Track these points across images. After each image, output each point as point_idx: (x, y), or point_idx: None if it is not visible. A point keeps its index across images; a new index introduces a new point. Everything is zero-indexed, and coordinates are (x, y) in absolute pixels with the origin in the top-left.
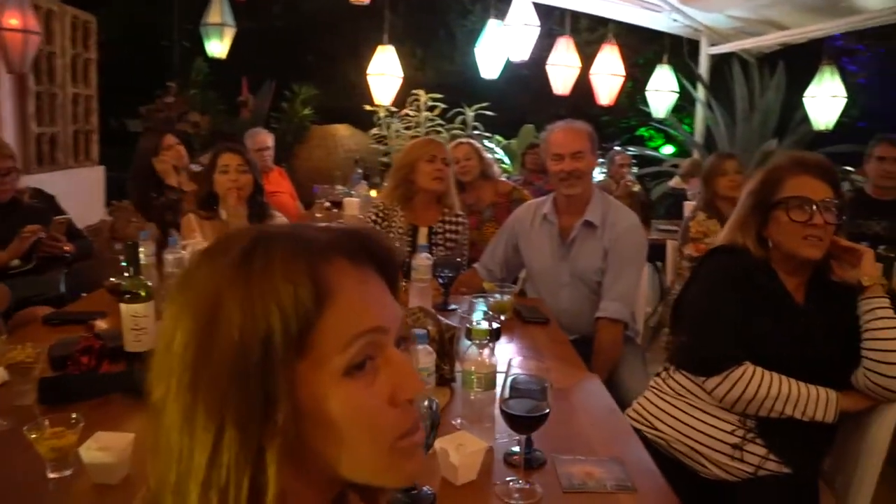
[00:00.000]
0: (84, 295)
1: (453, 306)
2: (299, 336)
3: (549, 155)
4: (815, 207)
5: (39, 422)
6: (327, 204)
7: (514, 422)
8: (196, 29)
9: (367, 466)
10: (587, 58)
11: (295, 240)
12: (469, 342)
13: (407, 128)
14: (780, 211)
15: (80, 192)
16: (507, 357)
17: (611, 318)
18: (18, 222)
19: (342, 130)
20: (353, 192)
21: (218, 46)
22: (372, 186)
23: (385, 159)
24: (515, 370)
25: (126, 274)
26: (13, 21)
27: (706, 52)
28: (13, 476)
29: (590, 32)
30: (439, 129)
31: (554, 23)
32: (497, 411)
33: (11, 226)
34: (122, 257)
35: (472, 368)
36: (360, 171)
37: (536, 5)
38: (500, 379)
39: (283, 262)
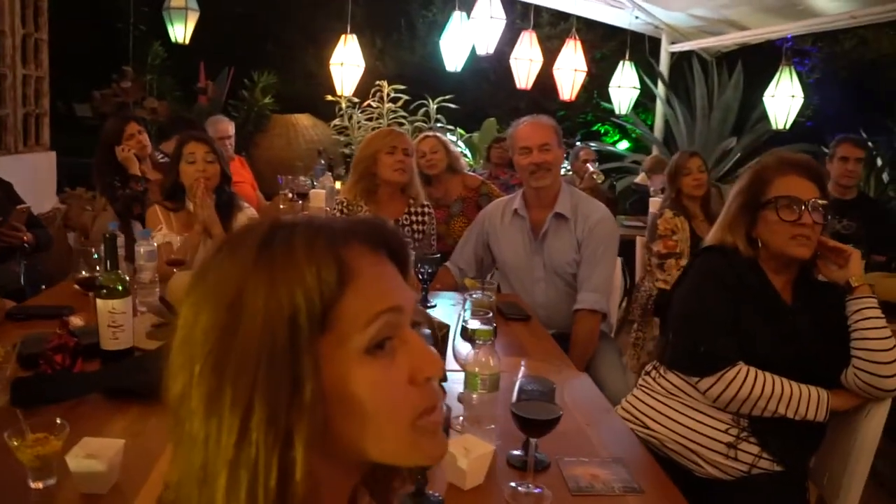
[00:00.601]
0: (44, 288)
1: (433, 302)
2: (322, 314)
3: (516, 149)
4: (803, 207)
5: (21, 427)
6: (291, 195)
7: (526, 425)
8: (153, 12)
9: (389, 445)
10: (548, 52)
11: (313, 226)
12: (463, 341)
13: (369, 119)
14: (769, 210)
15: (32, 179)
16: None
17: (589, 310)
18: None
19: (303, 120)
20: (316, 184)
21: (181, 31)
22: (336, 178)
23: (347, 150)
24: (521, 372)
25: (98, 267)
26: None
27: (667, 49)
28: None
29: (551, 27)
30: (402, 120)
31: (516, 16)
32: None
33: None
34: (93, 249)
35: (477, 370)
36: (323, 161)
37: None
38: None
39: (304, 245)
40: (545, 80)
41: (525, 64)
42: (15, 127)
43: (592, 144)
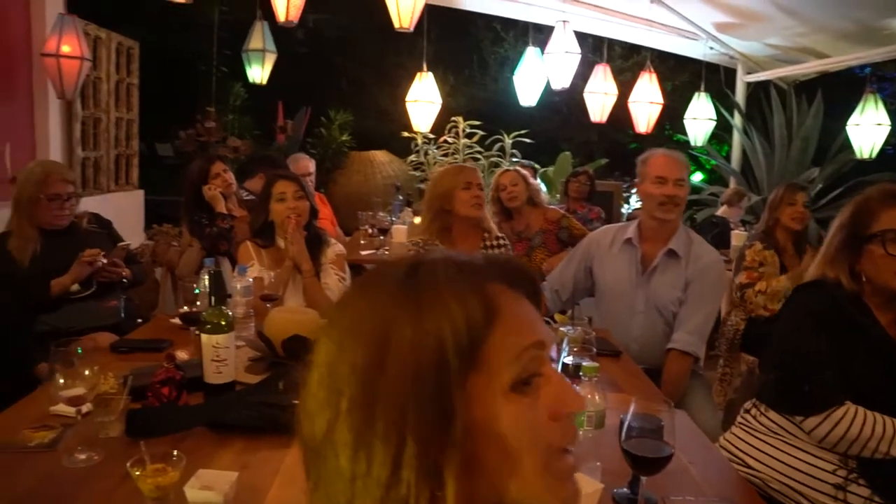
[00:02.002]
0: (141, 321)
1: None
2: (471, 350)
3: (649, 178)
4: None
5: (142, 458)
6: (371, 231)
7: (638, 463)
8: (234, 55)
9: (527, 483)
10: (620, 84)
11: (455, 263)
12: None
13: (444, 154)
14: (874, 245)
15: (121, 216)
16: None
17: (682, 351)
18: (77, 247)
19: (380, 156)
20: (395, 219)
21: (258, 72)
22: (415, 213)
23: (423, 186)
24: (629, 409)
25: (199, 302)
26: (66, 48)
27: (742, 79)
28: None
29: (623, 60)
30: (477, 156)
31: (588, 50)
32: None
33: (71, 251)
34: (193, 285)
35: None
36: (401, 197)
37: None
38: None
39: (448, 281)
40: (617, 112)
41: (599, 97)
42: (108, 167)
43: None
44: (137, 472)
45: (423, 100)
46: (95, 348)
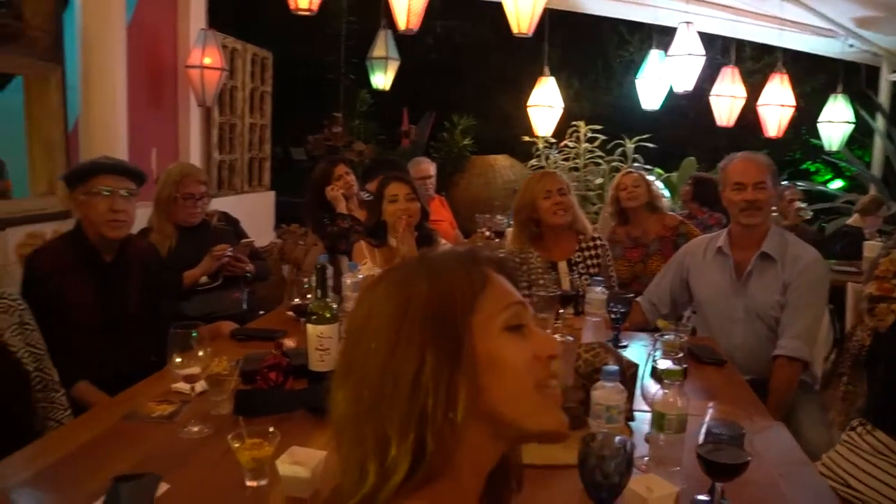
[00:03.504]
0: (262, 313)
1: (624, 342)
2: (471, 299)
3: (728, 184)
4: None
5: (241, 432)
6: (488, 233)
7: (712, 469)
8: (360, 63)
9: (520, 403)
10: (750, 87)
11: (457, 251)
12: (653, 381)
13: (566, 159)
14: None
15: (253, 216)
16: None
17: (789, 357)
18: (208, 243)
19: (501, 161)
20: (512, 223)
21: (381, 79)
22: None
23: None
24: (709, 415)
25: (309, 296)
26: (207, 60)
27: (888, 78)
28: (214, 480)
29: (754, 62)
30: (598, 160)
31: (716, 52)
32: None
33: (202, 246)
34: (305, 280)
35: (664, 411)
36: None
37: (699, 34)
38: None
39: (455, 257)
40: (747, 116)
41: (727, 101)
42: (242, 170)
43: (800, 184)
44: (237, 445)
45: (544, 104)
46: (217, 335)
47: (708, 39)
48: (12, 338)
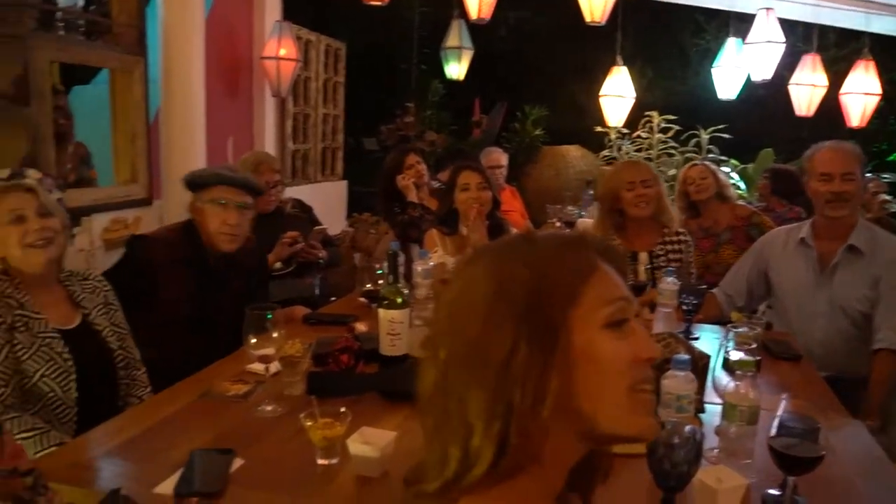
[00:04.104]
0: (334, 299)
1: (696, 334)
2: (573, 290)
3: (814, 174)
4: None
5: (314, 412)
6: (558, 223)
7: (784, 462)
8: (433, 52)
9: (611, 406)
10: (833, 75)
11: (563, 235)
12: (725, 373)
13: (638, 150)
14: None
15: (326, 204)
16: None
17: (891, 349)
18: (281, 230)
19: (573, 151)
20: (584, 213)
21: (455, 68)
22: None
23: None
24: (782, 407)
25: (381, 282)
26: (283, 51)
27: None
28: (287, 457)
29: (838, 49)
30: (672, 151)
31: (797, 39)
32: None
33: (275, 233)
34: (377, 266)
35: (736, 401)
36: (591, 192)
37: (780, 21)
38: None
39: (561, 242)
40: (831, 105)
41: (807, 90)
42: (315, 159)
43: (886, 176)
44: (309, 423)
45: (616, 94)
46: (290, 319)
47: (788, 26)
48: (98, 317)
